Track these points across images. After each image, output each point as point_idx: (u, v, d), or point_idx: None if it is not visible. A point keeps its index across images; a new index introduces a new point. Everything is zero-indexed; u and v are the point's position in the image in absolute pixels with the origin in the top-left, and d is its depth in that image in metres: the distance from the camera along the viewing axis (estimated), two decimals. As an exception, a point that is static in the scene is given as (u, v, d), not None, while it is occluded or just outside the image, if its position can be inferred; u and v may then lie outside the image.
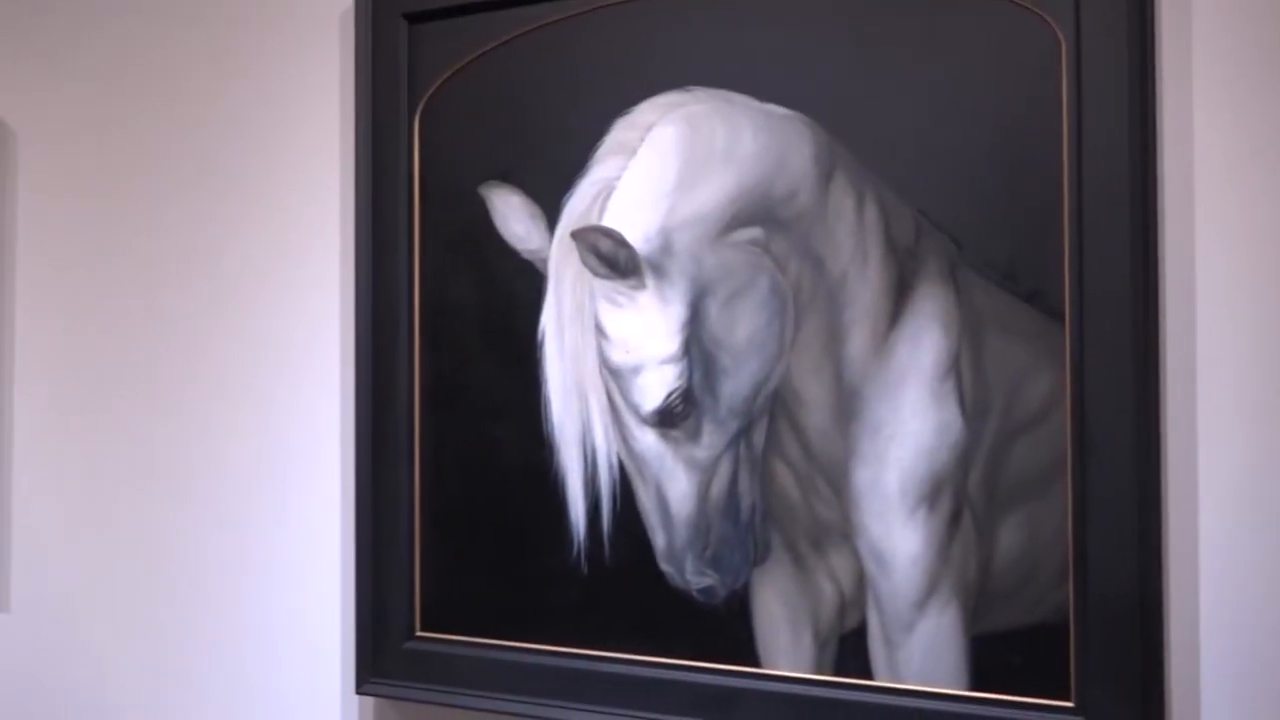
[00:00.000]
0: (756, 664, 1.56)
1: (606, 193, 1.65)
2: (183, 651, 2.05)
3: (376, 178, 1.81)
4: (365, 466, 1.79)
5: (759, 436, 1.55)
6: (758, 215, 1.56)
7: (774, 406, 1.54)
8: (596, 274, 1.65)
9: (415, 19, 1.81)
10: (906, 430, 1.47)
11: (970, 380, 1.45)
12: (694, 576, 1.58)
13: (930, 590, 1.46)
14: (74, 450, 2.17)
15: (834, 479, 1.52)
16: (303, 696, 1.91)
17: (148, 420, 2.09)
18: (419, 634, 1.77)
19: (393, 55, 1.81)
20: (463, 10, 1.78)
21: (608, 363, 1.64)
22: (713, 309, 1.58)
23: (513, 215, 1.73)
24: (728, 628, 1.57)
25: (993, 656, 1.43)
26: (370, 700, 1.85)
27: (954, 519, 1.45)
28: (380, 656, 1.78)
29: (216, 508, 2.02)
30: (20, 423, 2.24)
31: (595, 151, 1.66)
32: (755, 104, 1.57)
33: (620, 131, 1.65)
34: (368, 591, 1.78)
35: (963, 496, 1.44)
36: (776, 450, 1.54)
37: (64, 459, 2.18)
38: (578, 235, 1.67)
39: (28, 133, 2.26)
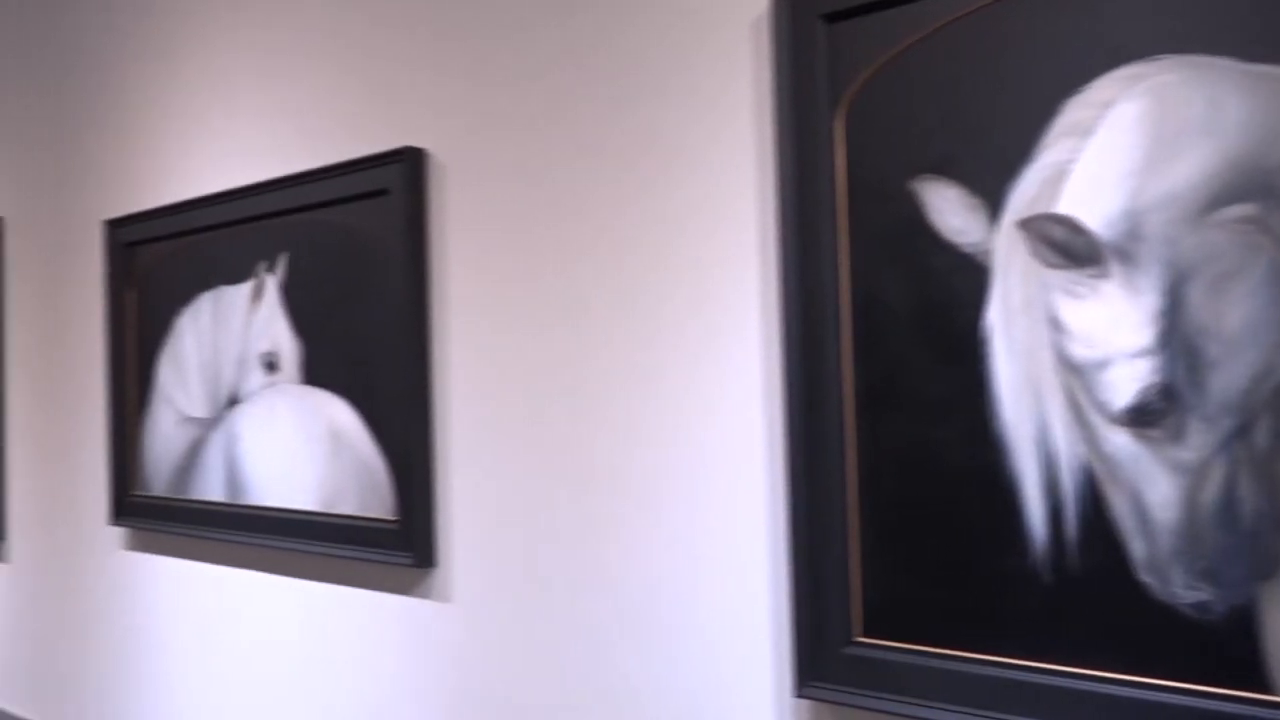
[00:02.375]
0: (1265, 689, 1.39)
1: (1059, 177, 1.55)
2: (611, 651, 2.15)
3: (799, 180, 1.81)
4: (797, 468, 1.79)
5: (1263, 435, 1.39)
6: (1249, 190, 1.40)
7: (1280, 401, 1.38)
8: (1049, 265, 1.55)
9: (834, 18, 1.80)
10: None
11: None
12: (1183, 590, 1.45)
13: None
14: (506, 456, 2.34)
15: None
16: (734, 699, 1.95)
17: (576, 426, 2.20)
18: (859, 639, 1.74)
19: (811, 56, 1.81)
20: (883, 5, 1.75)
21: (1067, 359, 1.54)
22: (1196, 296, 1.43)
23: (949, 209, 1.67)
24: (1225, 647, 1.42)
25: None
26: (806, 704, 1.84)
27: None
28: (819, 661, 1.77)
29: (644, 510, 2.10)
30: (455, 428, 2.45)
31: (1043, 136, 1.57)
32: (1240, 67, 1.42)
33: (1073, 112, 1.55)
34: (805, 594, 1.78)
35: None
36: (1286, 450, 1.38)
37: (498, 464, 2.36)
38: (1027, 225, 1.58)
39: (453, 162, 2.47)
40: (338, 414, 2.70)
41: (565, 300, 2.23)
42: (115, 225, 3.43)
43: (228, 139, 3.11)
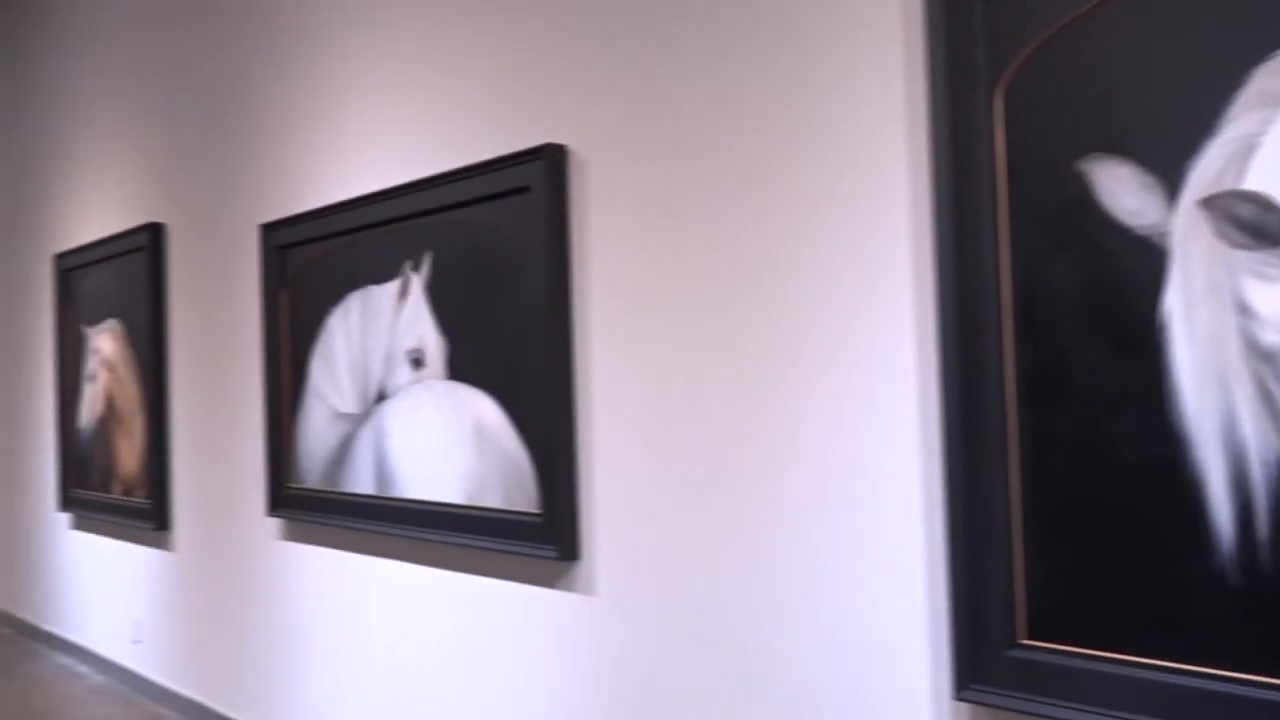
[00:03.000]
0: None
1: (1246, 152, 1.44)
2: (760, 649, 2.12)
3: (955, 161, 1.74)
4: (955, 463, 1.73)
5: None
6: None
7: None
8: (1236, 245, 1.45)
9: (992, -7, 1.72)
10: None
11: None
12: (1396, 595, 1.33)
13: None
14: (653, 450, 2.33)
15: None
16: (891, 700, 1.89)
17: (728, 421, 2.17)
18: (1023, 641, 1.67)
19: (969, 34, 1.74)
20: (1046, -25, 1.66)
21: (1258, 345, 1.43)
22: None
23: (1122, 188, 1.57)
24: None
25: None
26: (966, 707, 1.77)
27: None
28: (980, 663, 1.70)
29: (799, 507, 2.06)
30: (598, 422, 2.46)
31: (1228, 107, 1.46)
32: None
33: (1263, 80, 1.44)
34: (964, 594, 1.71)
35: None
36: None
37: (644, 459, 2.36)
38: (1210, 203, 1.48)
39: (593, 157, 2.48)
40: (482, 409, 2.75)
41: (713, 296, 2.21)
42: (270, 229, 3.58)
43: (373, 142, 3.21)
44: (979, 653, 1.70)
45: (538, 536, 2.57)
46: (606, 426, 2.45)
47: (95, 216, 4.95)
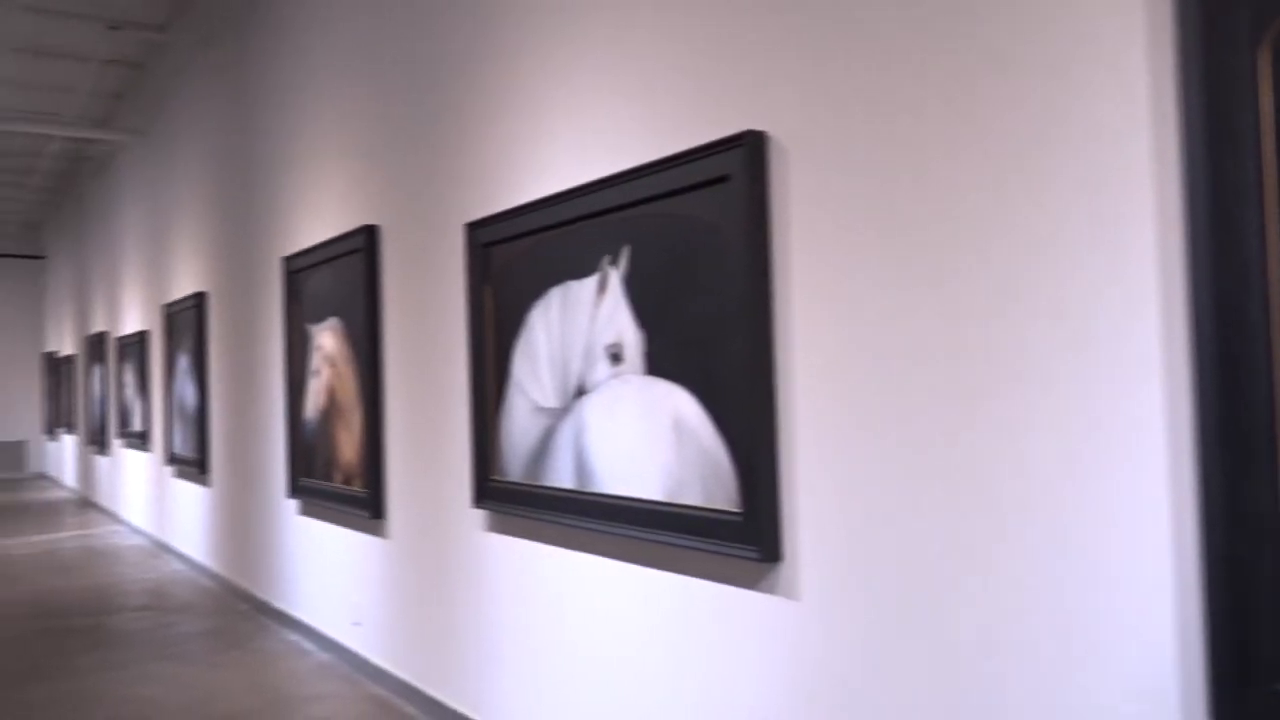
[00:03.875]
0: None
1: None
2: (980, 665, 1.97)
3: (1211, 130, 1.54)
4: (1213, 474, 1.53)
5: None
6: None
7: None
8: None
9: (1256, -65, 1.51)
10: None
11: None
12: None
13: None
14: (861, 448, 2.22)
15: None
16: (1130, 727, 1.71)
17: (946, 418, 2.03)
18: (1298, 676, 1.45)
19: (1227, -16, 1.53)
20: (1325, -91, 1.44)
21: None
22: None
23: None
24: None
25: None
26: (1224, 745, 1.57)
27: None
28: (1241, 699, 1.50)
29: (1024, 511, 1.90)
30: (800, 419, 2.36)
31: None
32: None
33: None
34: (1223, 618, 1.51)
35: None
36: None
37: (851, 458, 2.24)
38: None
39: (795, 145, 2.38)
40: (680, 404, 2.70)
41: (928, 287, 2.07)
42: (474, 227, 3.67)
43: (571, 137, 3.22)
44: (1239, 688, 1.50)
45: (737, 536, 2.50)
46: (810, 424, 2.35)
47: (318, 220, 5.26)
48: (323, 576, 5.26)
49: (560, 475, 3.22)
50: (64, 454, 15.00)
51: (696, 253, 2.65)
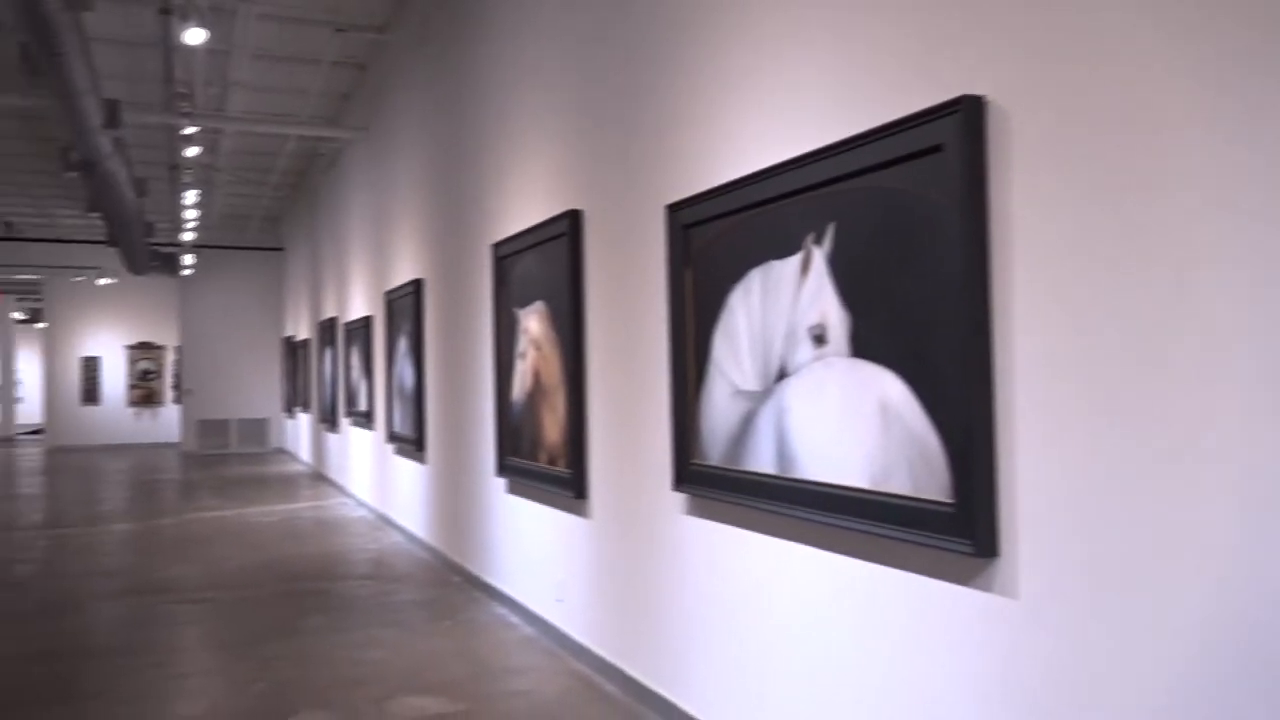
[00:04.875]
0: None
1: None
2: (1208, 667, 1.76)
3: None
4: None
5: None
6: None
7: None
8: None
9: None
10: None
11: None
12: None
13: None
14: (1095, 438, 2.03)
15: None
16: None
17: (1190, 400, 1.84)
18: None
19: None
20: None
21: None
22: None
23: None
24: None
25: None
26: None
27: None
28: None
29: (1272, 511, 1.69)
30: (1021, 404, 2.20)
31: None
32: None
33: None
34: None
35: None
36: None
37: (1084, 448, 2.06)
38: None
39: (1017, 109, 2.21)
40: (887, 387, 2.58)
41: (1168, 260, 1.87)
42: (675, 209, 3.65)
43: (772, 112, 3.13)
44: None
45: (949, 528, 2.36)
46: (1033, 409, 2.17)
47: (525, 207, 5.40)
48: (528, 553, 5.42)
49: (760, 460, 3.15)
50: (300, 431, 16.21)
51: (907, 228, 2.51)
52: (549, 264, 4.93)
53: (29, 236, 18.29)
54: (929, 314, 2.43)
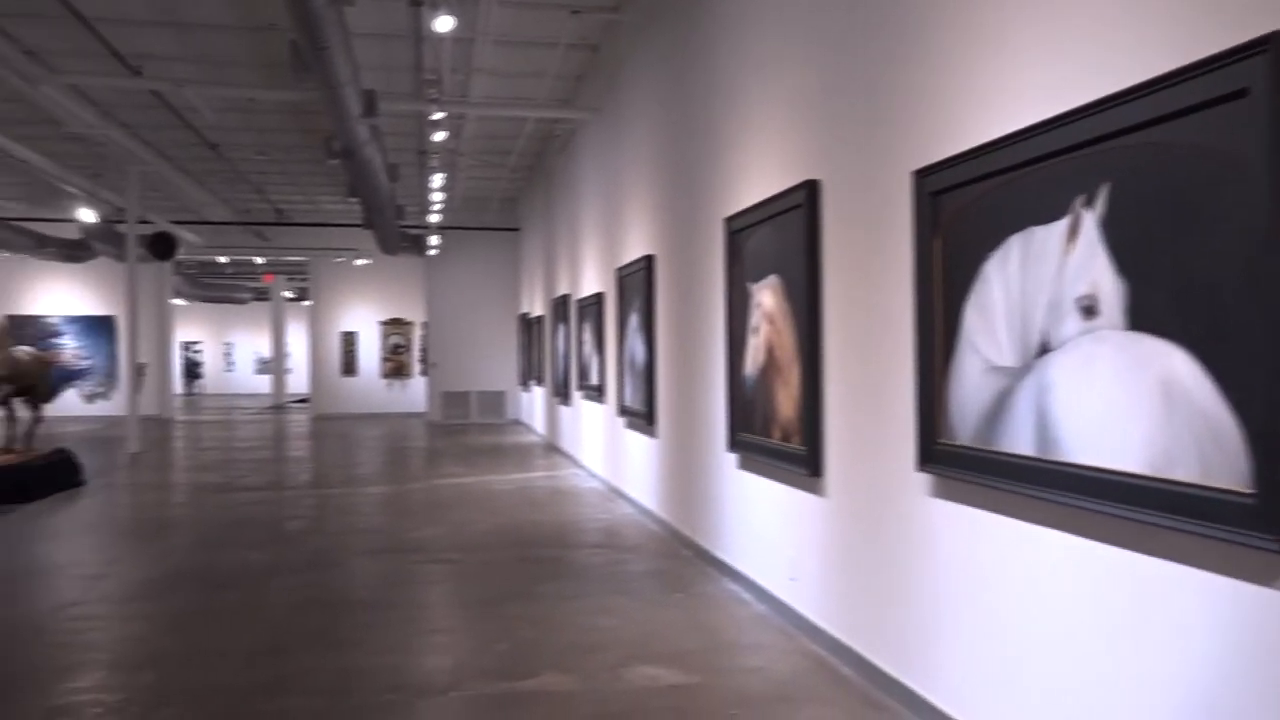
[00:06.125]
0: None
1: None
2: None
3: None
4: None
5: None
6: None
7: None
8: None
9: None
10: None
11: None
12: None
13: None
14: None
15: None
16: None
17: None
18: None
19: None
20: None
21: None
22: None
23: None
24: None
25: None
26: None
27: None
28: None
29: None
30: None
31: None
32: None
33: None
34: None
35: None
36: None
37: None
38: None
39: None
40: (1172, 363, 2.33)
41: None
42: (922, 175, 3.46)
43: (1033, 66, 2.89)
44: None
45: (1249, 521, 2.10)
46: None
47: (758, 179, 5.31)
48: (759, 529, 5.37)
49: (1017, 441, 2.94)
50: (534, 403, 16.89)
51: (1199, 185, 2.24)
52: (784, 236, 4.82)
53: (297, 221, 20.00)
54: (1226, 282, 2.16)
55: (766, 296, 5.08)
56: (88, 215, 15.76)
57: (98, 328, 21.56)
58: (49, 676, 4.32)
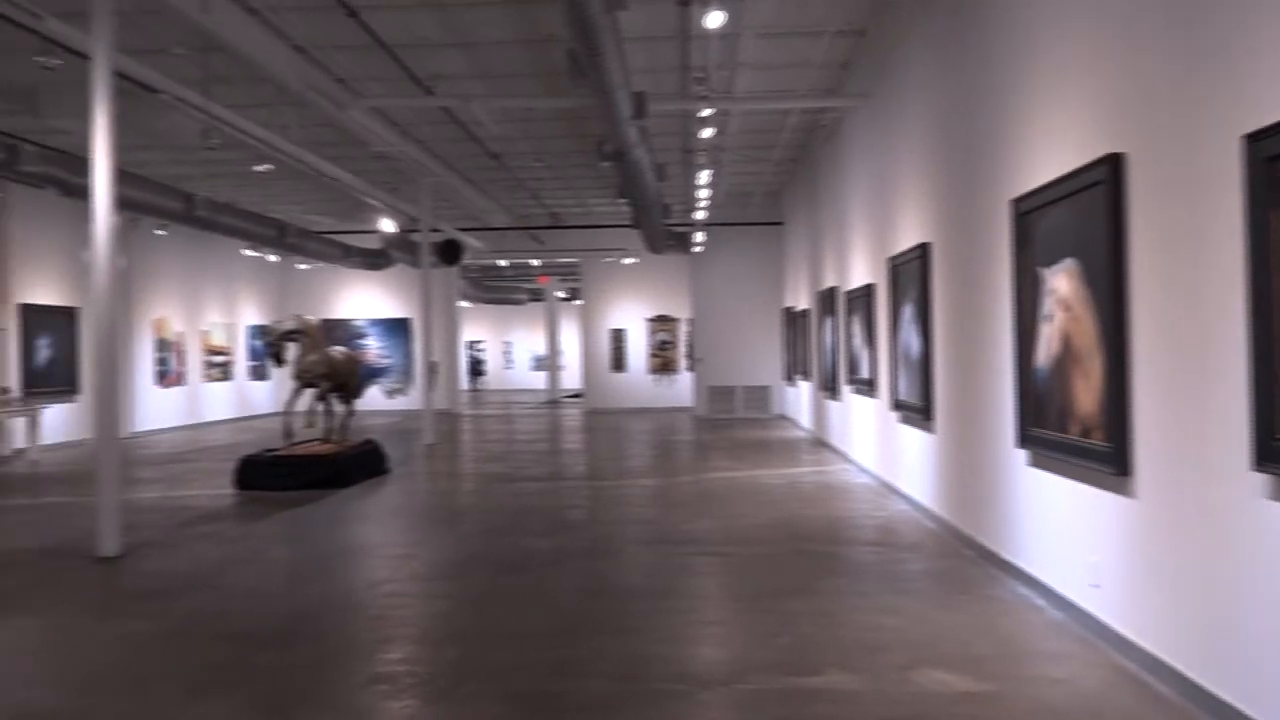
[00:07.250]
0: None
1: None
2: None
3: None
4: None
5: None
6: None
7: None
8: None
9: None
10: None
11: None
12: None
13: None
14: None
15: None
16: None
17: None
18: None
19: None
20: None
21: None
22: None
23: None
24: None
25: None
26: None
27: None
28: None
29: None
30: None
31: None
32: None
33: None
34: None
35: None
36: None
37: None
38: None
39: None
40: None
41: None
42: (1257, 139, 3.08)
43: None
44: None
45: None
46: None
47: (1052, 156, 4.95)
48: (1054, 531, 5.01)
49: (1385, 437, 2.55)
50: (799, 398, 16.74)
51: None
52: (1082, 217, 4.47)
53: (570, 224, 20.91)
54: None
55: (1062, 282, 4.73)
56: (388, 226, 17.23)
57: (396, 329, 23.51)
58: (369, 647, 4.74)
